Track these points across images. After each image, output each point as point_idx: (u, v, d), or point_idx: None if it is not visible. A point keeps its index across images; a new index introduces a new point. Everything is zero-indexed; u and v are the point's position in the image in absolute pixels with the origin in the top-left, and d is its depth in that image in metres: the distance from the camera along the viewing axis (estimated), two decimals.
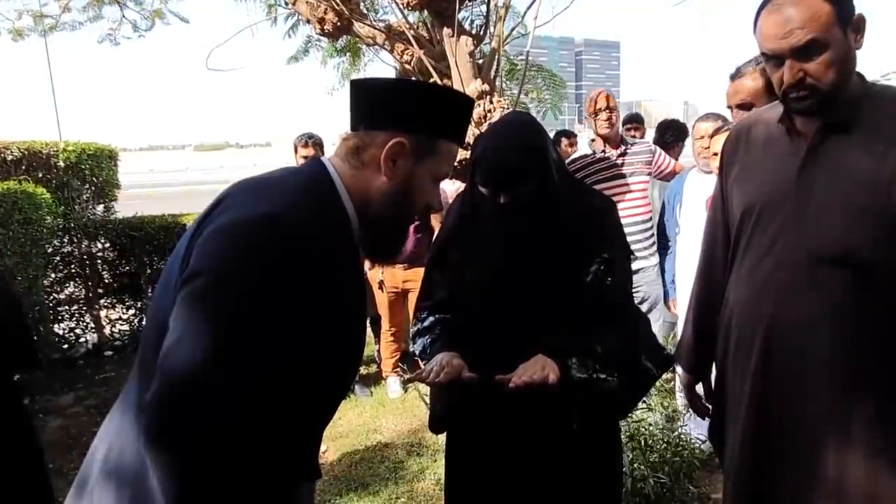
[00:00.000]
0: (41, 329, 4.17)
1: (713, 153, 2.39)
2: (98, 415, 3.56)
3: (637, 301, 3.03)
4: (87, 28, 5.99)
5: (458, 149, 1.13)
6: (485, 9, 4.49)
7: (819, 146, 1.27)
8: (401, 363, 3.96)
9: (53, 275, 4.53)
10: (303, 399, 0.98)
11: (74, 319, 4.69)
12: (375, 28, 4.48)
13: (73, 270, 4.68)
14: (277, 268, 0.87)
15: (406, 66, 4.51)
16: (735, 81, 2.04)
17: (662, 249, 3.16)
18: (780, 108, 1.33)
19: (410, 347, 1.77)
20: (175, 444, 0.82)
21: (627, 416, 2.14)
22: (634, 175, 3.19)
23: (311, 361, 0.95)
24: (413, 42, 4.10)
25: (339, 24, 4.26)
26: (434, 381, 1.36)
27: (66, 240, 4.60)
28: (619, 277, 1.44)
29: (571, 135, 5.28)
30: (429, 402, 1.69)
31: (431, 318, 1.55)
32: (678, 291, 2.94)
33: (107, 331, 4.85)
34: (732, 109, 2.08)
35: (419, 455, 3.02)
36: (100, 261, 4.75)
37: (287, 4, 4.98)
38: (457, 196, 1.62)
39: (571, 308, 1.41)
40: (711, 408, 1.61)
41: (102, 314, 4.85)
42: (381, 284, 3.69)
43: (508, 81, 6.37)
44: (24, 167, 4.42)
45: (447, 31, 3.94)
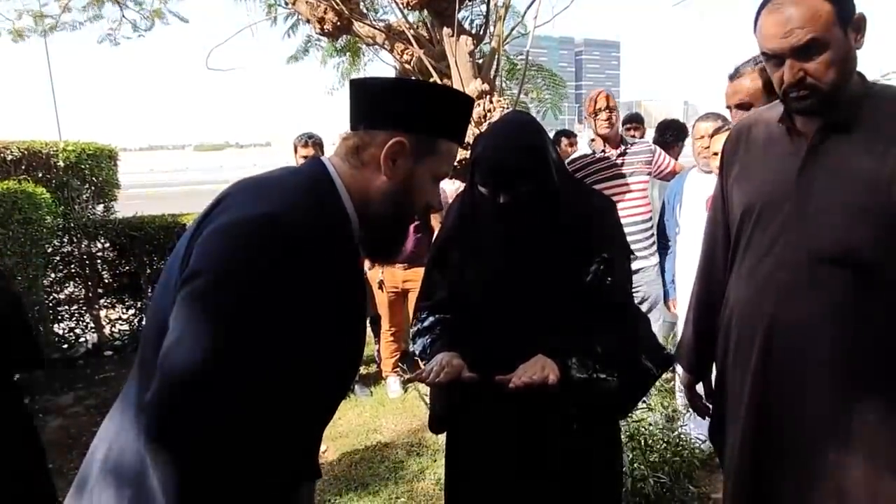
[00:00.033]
0: (41, 329, 4.18)
1: (713, 153, 2.39)
2: (98, 415, 3.56)
3: (637, 301, 3.03)
4: (87, 28, 6.00)
5: (458, 148, 1.12)
6: (485, 8, 4.50)
7: (819, 146, 1.27)
8: (401, 363, 3.96)
9: (53, 275, 4.53)
10: (303, 399, 0.98)
11: (74, 319, 4.69)
12: (375, 28, 4.48)
13: (73, 270, 4.68)
14: (277, 267, 0.87)
15: (406, 66, 4.51)
16: (734, 81, 2.04)
17: (662, 249, 3.16)
18: (781, 108, 1.33)
19: (410, 347, 1.76)
20: (175, 444, 0.81)
21: (627, 416, 2.14)
22: (634, 175, 3.19)
23: (311, 361, 0.95)
24: (413, 42, 4.10)
25: (339, 24, 4.26)
26: (434, 382, 1.36)
27: (66, 239, 4.60)
28: (619, 277, 1.44)
29: (571, 134, 5.28)
30: (429, 402, 1.69)
31: (431, 318, 1.55)
32: (678, 291, 2.94)
33: (107, 331, 4.85)
34: (731, 109, 2.08)
35: (419, 455, 3.02)
36: (100, 261, 4.75)
37: (287, 4, 4.98)
38: (457, 196, 1.62)
39: (571, 308, 1.41)
40: (711, 407, 1.61)
41: (102, 314, 4.85)
42: (381, 284, 3.69)
43: (508, 81, 6.37)
44: (24, 167, 4.42)
45: (447, 31, 3.94)
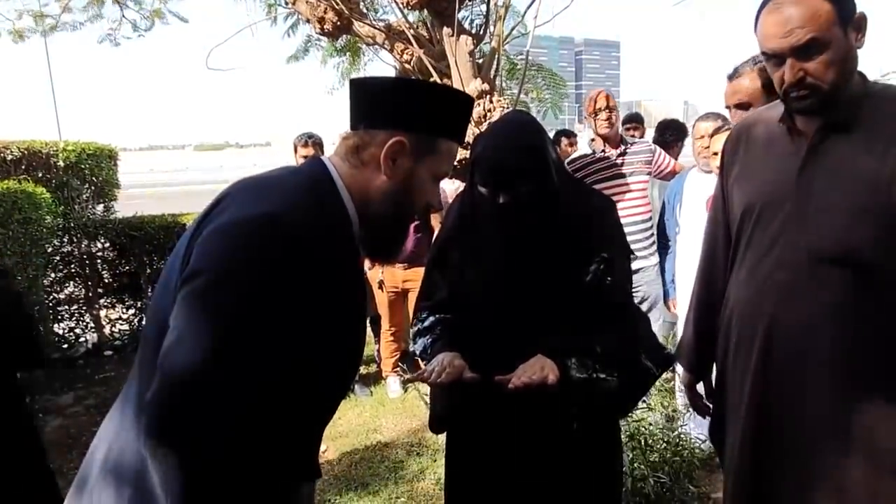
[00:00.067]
0: (41, 329, 4.18)
1: (713, 153, 2.39)
2: (98, 414, 3.56)
3: (637, 301, 3.03)
4: (87, 28, 5.99)
5: (458, 148, 1.13)
6: (485, 8, 4.50)
7: (819, 145, 1.27)
8: (401, 363, 3.96)
9: (53, 274, 4.53)
10: (303, 399, 0.98)
11: (74, 319, 4.69)
12: (375, 27, 4.48)
13: (73, 270, 4.68)
14: (278, 267, 0.87)
15: (406, 66, 4.51)
16: (733, 82, 2.04)
17: (662, 249, 3.16)
18: (781, 108, 1.33)
19: (410, 347, 1.76)
20: (175, 444, 0.81)
21: (628, 416, 2.14)
22: (634, 175, 3.19)
23: (311, 361, 0.95)
24: (413, 41, 4.10)
25: (339, 24, 4.26)
26: (436, 382, 1.36)
27: (66, 239, 4.60)
28: (619, 277, 1.44)
29: (571, 134, 5.28)
30: (429, 402, 1.69)
31: (432, 318, 1.55)
32: (678, 291, 2.94)
33: (107, 330, 4.85)
34: (731, 109, 2.09)
35: (419, 455, 3.02)
36: (100, 260, 4.75)
37: (287, 4, 4.98)
38: (456, 196, 1.62)
39: (571, 308, 1.41)
40: (712, 407, 1.61)
41: (102, 314, 4.85)
42: (381, 284, 3.69)
43: (508, 81, 6.37)
44: (24, 167, 4.42)
45: (447, 31, 3.94)
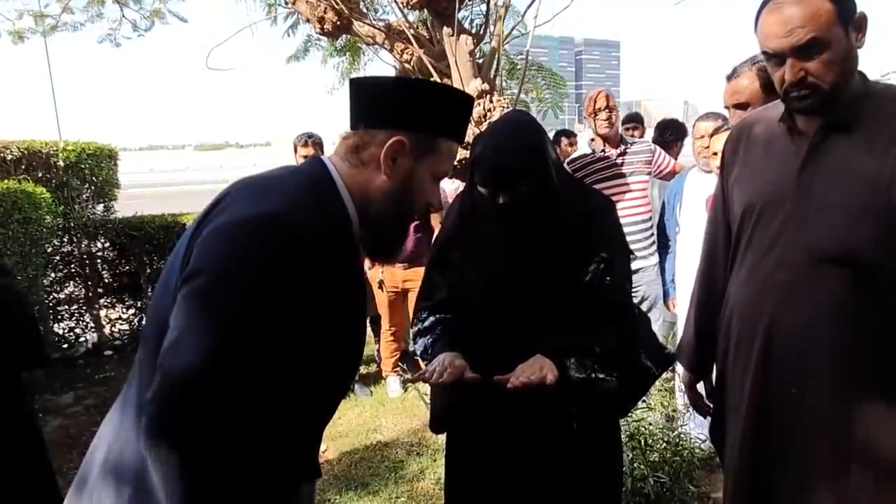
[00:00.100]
0: (41, 328, 4.17)
1: (713, 152, 2.39)
2: (98, 414, 3.56)
3: (637, 300, 3.03)
4: (88, 28, 5.99)
5: (458, 147, 1.12)
6: (485, 8, 4.49)
7: (820, 145, 1.27)
8: (401, 363, 3.96)
9: (53, 274, 4.53)
10: (303, 398, 0.98)
11: (74, 319, 4.69)
12: (375, 27, 4.47)
13: (73, 270, 4.68)
14: (278, 267, 0.87)
15: (406, 66, 4.51)
16: (731, 82, 2.04)
17: (662, 249, 3.16)
18: (781, 108, 1.33)
19: (411, 347, 1.76)
20: (175, 444, 0.81)
21: (627, 416, 2.14)
22: (634, 175, 3.19)
23: (312, 361, 0.95)
24: (413, 41, 4.10)
25: (339, 24, 4.25)
26: (437, 382, 1.36)
27: (66, 239, 4.60)
28: (618, 277, 1.44)
29: (571, 134, 5.29)
30: (429, 402, 1.69)
31: (432, 318, 1.55)
32: (678, 291, 2.94)
33: (107, 330, 4.85)
34: (729, 109, 2.09)
35: (419, 455, 3.02)
36: (100, 260, 4.75)
37: (287, 4, 4.97)
38: (456, 196, 1.62)
39: (571, 308, 1.41)
40: (712, 407, 1.61)
41: (102, 314, 4.85)
42: (381, 284, 3.69)
43: (508, 80, 6.36)
44: (24, 167, 4.41)
45: (447, 31, 3.94)
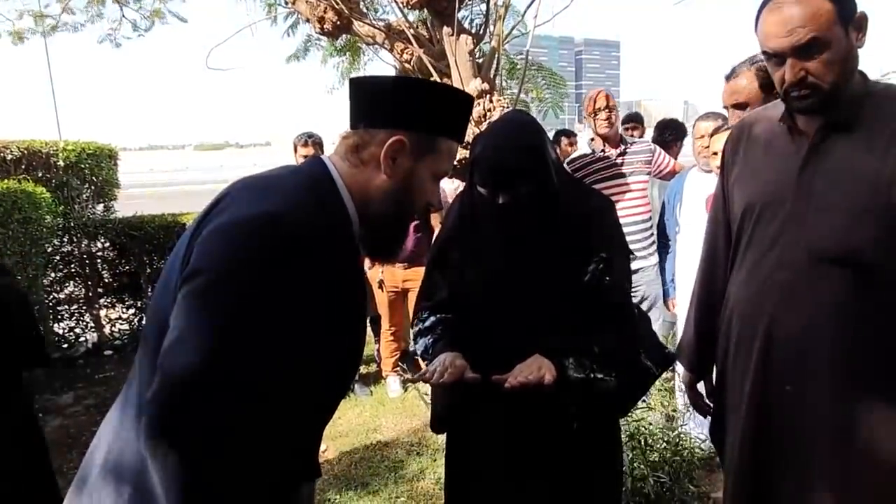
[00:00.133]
0: (41, 328, 4.17)
1: (713, 152, 2.39)
2: (98, 414, 3.56)
3: (636, 300, 3.03)
4: (88, 28, 5.98)
5: (458, 147, 1.12)
6: (484, 7, 4.49)
7: (820, 145, 1.27)
8: (400, 362, 3.96)
9: (53, 274, 4.53)
10: (303, 398, 0.98)
11: (74, 319, 4.69)
12: (375, 27, 4.47)
13: (73, 270, 4.68)
14: (278, 267, 0.87)
15: (406, 65, 4.51)
16: (730, 82, 2.04)
17: (662, 249, 3.16)
18: (782, 107, 1.33)
19: (411, 347, 1.76)
20: (175, 444, 0.81)
21: (627, 415, 2.14)
22: (634, 174, 3.19)
23: (312, 360, 0.95)
24: (413, 41, 4.09)
25: (339, 23, 4.25)
26: (438, 382, 1.36)
27: (66, 239, 4.60)
28: (618, 277, 1.44)
29: (571, 134, 5.29)
30: (430, 402, 1.69)
31: (433, 318, 1.55)
32: (678, 291, 2.94)
33: (107, 330, 4.85)
34: (728, 109, 2.09)
35: (419, 455, 3.02)
36: (99, 260, 4.75)
37: (287, 3, 4.97)
38: (456, 196, 1.62)
39: (570, 308, 1.41)
40: (712, 406, 1.61)
41: (102, 313, 4.85)
42: (381, 284, 3.69)
43: (508, 80, 6.36)
44: (24, 166, 4.41)
45: (447, 30, 3.94)
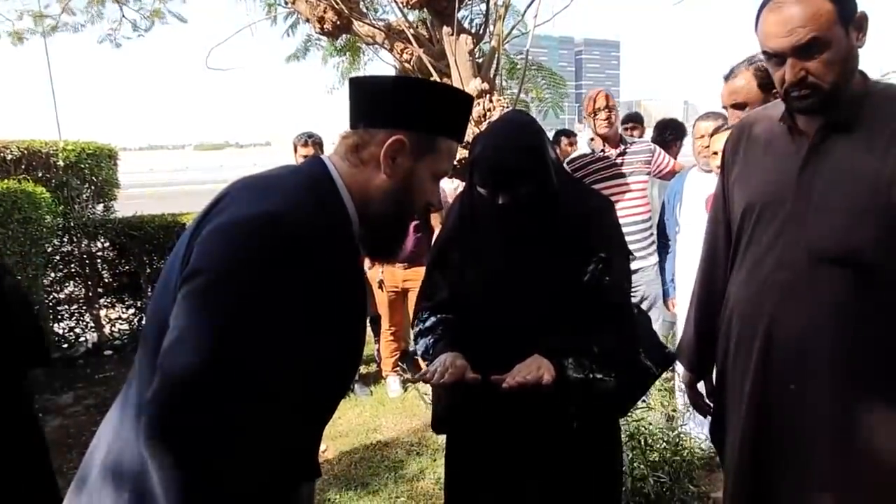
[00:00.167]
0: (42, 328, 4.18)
1: (713, 152, 2.39)
2: (98, 414, 3.56)
3: (636, 300, 3.03)
4: (88, 28, 5.99)
5: (458, 146, 1.12)
6: (484, 7, 4.49)
7: (820, 145, 1.27)
8: (400, 362, 3.96)
9: (53, 274, 4.53)
10: (303, 398, 0.98)
11: (74, 319, 4.69)
12: (375, 27, 4.47)
13: (73, 270, 4.68)
14: (278, 266, 0.87)
15: (406, 65, 4.51)
16: (729, 82, 2.05)
17: (662, 248, 3.16)
18: (782, 107, 1.33)
19: (411, 347, 1.76)
20: (175, 444, 0.81)
21: (627, 415, 2.14)
22: (634, 174, 3.19)
23: (312, 360, 0.95)
24: (412, 41, 4.09)
25: (339, 23, 4.25)
26: (438, 383, 1.36)
27: (66, 239, 4.60)
28: (617, 277, 1.44)
29: (571, 134, 5.29)
30: (431, 403, 1.69)
31: (433, 319, 1.55)
32: (678, 290, 2.94)
33: (106, 330, 4.85)
34: (727, 109, 2.09)
35: (419, 455, 3.02)
36: (99, 260, 4.75)
37: (286, 3, 4.97)
38: (456, 197, 1.62)
39: (570, 308, 1.41)
40: (712, 406, 1.61)
41: (102, 313, 4.85)
42: (381, 284, 3.69)
43: (508, 80, 6.36)
44: (24, 166, 4.41)
45: (447, 30, 3.93)
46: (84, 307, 4.73)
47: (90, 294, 4.74)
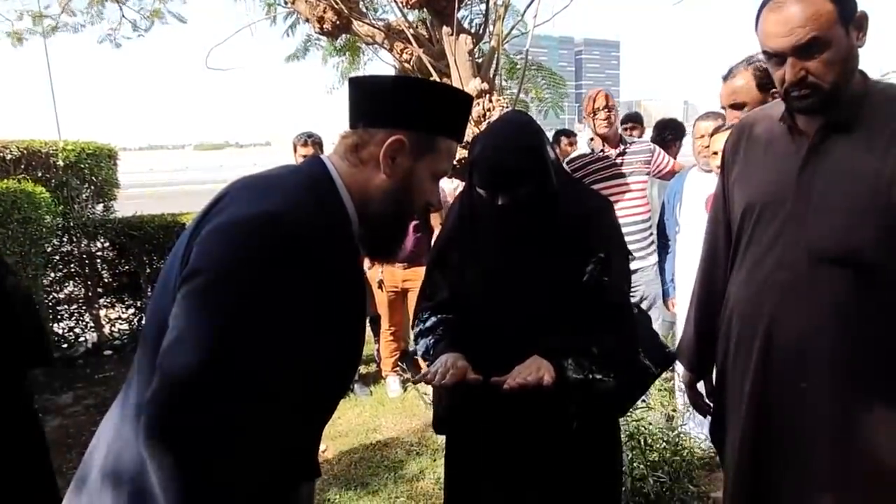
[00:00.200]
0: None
1: (713, 152, 2.39)
2: (97, 414, 3.56)
3: (636, 300, 3.03)
4: (88, 28, 5.99)
5: (457, 146, 1.12)
6: (484, 7, 4.49)
7: (820, 145, 1.26)
8: (400, 362, 3.96)
9: (53, 274, 4.53)
10: (302, 398, 0.98)
11: (74, 319, 4.69)
12: (374, 27, 4.47)
13: (73, 270, 4.68)
14: (278, 266, 0.87)
15: (405, 65, 4.50)
16: (728, 82, 2.05)
17: (662, 248, 3.16)
18: (782, 107, 1.33)
19: (411, 347, 1.76)
20: (174, 444, 0.81)
21: (627, 415, 2.14)
22: (633, 174, 3.19)
23: (311, 360, 0.95)
24: (412, 41, 4.09)
25: (339, 23, 4.25)
26: (439, 383, 1.36)
27: (66, 239, 4.60)
28: (616, 277, 1.44)
29: (571, 134, 5.29)
30: (431, 403, 1.69)
31: (434, 319, 1.55)
32: (678, 290, 2.94)
33: (106, 330, 4.86)
34: (726, 109, 2.09)
35: (419, 455, 3.02)
36: (99, 260, 4.76)
37: (286, 3, 4.97)
38: (456, 197, 1.61)
39: (570, 308, 1.41)
40: (712, 406, 1.61)
41: (102, 313, 4.85)
42: (381, 284, 3.69)
43: (508, 80, 6.36)
44: (24, 166, 4.41)
45: (446, 30, 3.93)
46: (84, 307, 4.73)
47: (90, 294, 4.74)
